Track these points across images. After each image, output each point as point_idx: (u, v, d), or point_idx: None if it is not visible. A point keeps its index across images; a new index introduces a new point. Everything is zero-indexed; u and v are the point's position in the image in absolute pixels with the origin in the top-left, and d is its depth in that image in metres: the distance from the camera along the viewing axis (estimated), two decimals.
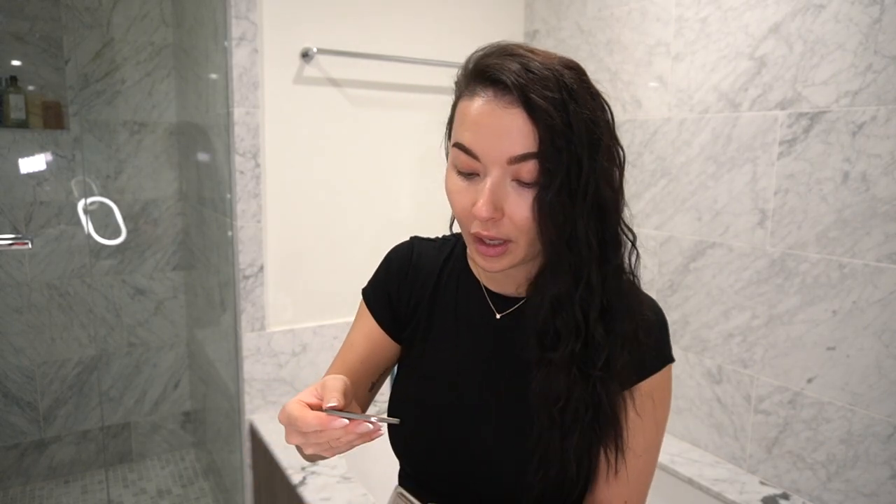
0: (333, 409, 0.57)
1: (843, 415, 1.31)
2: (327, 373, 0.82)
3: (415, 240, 0.86)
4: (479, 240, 0.65)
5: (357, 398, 0.82)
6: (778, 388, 1.43)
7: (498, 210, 0.62)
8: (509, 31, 2.10)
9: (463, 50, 0.72)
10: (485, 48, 0.66)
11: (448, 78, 0.74)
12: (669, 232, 1.66)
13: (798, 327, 1.38)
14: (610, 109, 0.65)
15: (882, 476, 1.25)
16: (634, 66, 1.73)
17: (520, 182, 0.62)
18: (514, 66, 0.61)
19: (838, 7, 1.27)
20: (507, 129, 0.60)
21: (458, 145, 0.64)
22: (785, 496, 1.41)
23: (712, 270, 1.56)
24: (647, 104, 1.69)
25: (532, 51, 0.63)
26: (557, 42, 1.99)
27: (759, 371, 1.47)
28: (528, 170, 0.61)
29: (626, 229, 0.68)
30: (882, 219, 1.22)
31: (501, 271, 0.68)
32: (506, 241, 0.65)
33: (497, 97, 0.61)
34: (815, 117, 1.32)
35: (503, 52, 0.63)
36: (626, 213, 0.68)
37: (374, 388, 0.84)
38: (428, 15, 1.94)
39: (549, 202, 0.61)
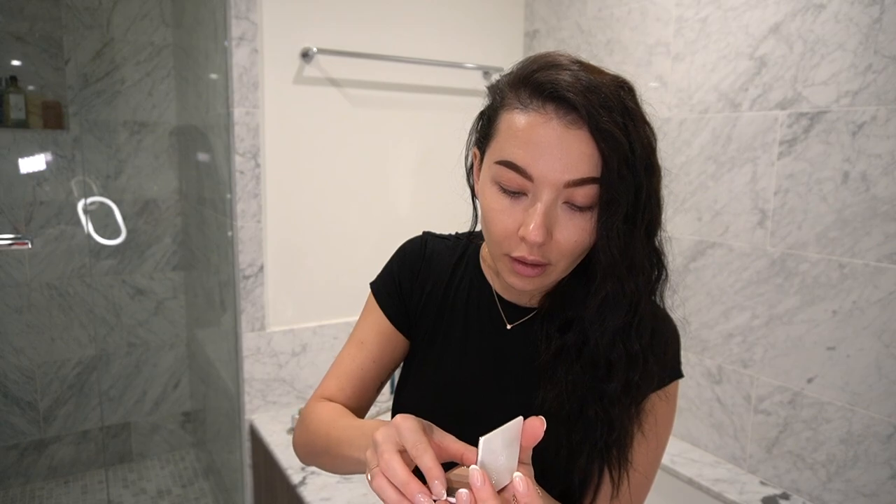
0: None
1: (843, 415, 1.31)
2: (335, 372, 0.79)
3: (427, 235, 0.83)
4: (517, 260, 0.62)
5: (367, 400, 0.81)
6: (778, 388, 1.43)
7: (548, 234, 0.59)
8: (509, 31, 2.10)
9: (463, 50, 0.71)
10: (532, 58, 0.62)
11: (448, 78, 0.73)
12: (669, 232, 1.64)
13: (798, 327, 1.38)
14: (653, 129, 0.63)
15: (882, 476, 1.25)
16: (634, 66, 1.73)
17: (571, 205, 0.59)
18: (574, 83, 0.57)
19: (838, 7, 1.27)
20: (568, 151, 0.57)
21: (508, 163, 0.59)
22: (785, 496, 1.41)
23: (712, 270, 1.56)
24: (647, 104, 1.69)
25: (584, 65, 0.60)
26: (557, 42, 1.99)
27: (759, 371, 1.47)
28: (584, 194, 0.58)
29: (660, 250, 0.66)
30: (882, 219, 1.22)
31: (534, 290, 0.65)
32: (544, 263, 0.62)
33: (559, 115, 0.57)
34: (815, 117, 1.32)
35: (557, 65, 0.59)
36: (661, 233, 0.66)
37: (381, 387, 0.82)
38: (428, 15, 1.94)
39: (616, 230, 0.59)
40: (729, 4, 1.48)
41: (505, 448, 0.49)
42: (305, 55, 1.74)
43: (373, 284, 0.82)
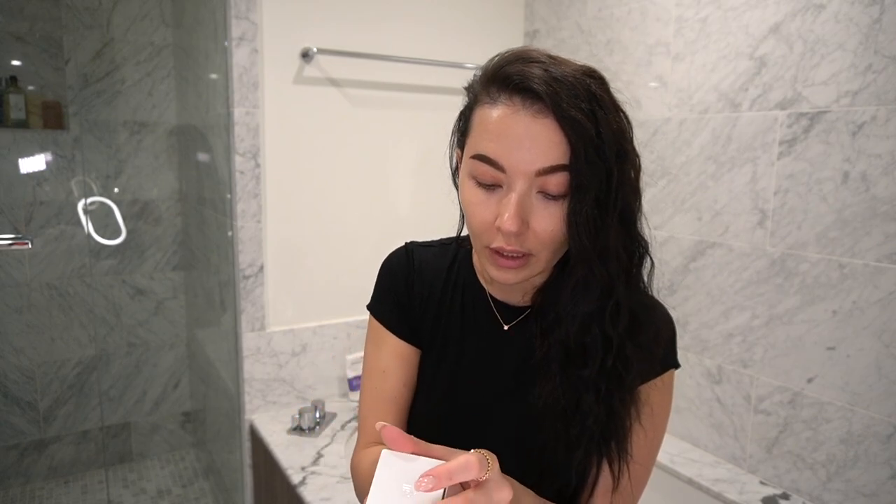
0: None
1: (843, 415, 1.31)
2: (371, 412, 0.77)
3: (412, 246, 0.82)
4: (497, 252, 0.62)
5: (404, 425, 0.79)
6: (778, 388, 1.43)
7: (524, 223, 0.60)
8: (509, 31, 2.10)
9: (463, 50, 0.71)
10: (502, 54, 0.63)
11: (448, 77, 0.73)
12: (669, 232, 1.66)
13: (798, 327, 1.38)
14: (627, 117, 0.63)
15: (882, 476, 1.25)
16: (634, 66, 1.73)
17: (545, 194, 0.60)
18: (541, 74, 0.58)
19: (838, 7, 1.27)
20: (536, 140, 0.58)
21: (481, 156, 0.61)
22: (785, 496, 1.41)
23: (712, 270, 1.56)
24: (647, 104, 1.69)
25: (553, 57, 0.61)
26: (557, 42, 1.99)
27: (759, 371, 1.47)
28: (556, 182, 0.59)
29: (640, 238, 0.66)
30: (882, 219, 1.22)
31: (517, 284, 0.65)
32: (525, 254, 0.62)
33: (525, 106, 0.58)
34: (815, 117, 1.32)
35: (524, 59, 0.60)
36: (642, 221, 0.66)
37: None
38: (428, 15, 1.94)
39: (585, 216, 0.59)
40: (729, 4, 1.48)
41: (404, 484, 0.49)
42: (305, 55, 1.74)
43: (371, 309, 0.80)
